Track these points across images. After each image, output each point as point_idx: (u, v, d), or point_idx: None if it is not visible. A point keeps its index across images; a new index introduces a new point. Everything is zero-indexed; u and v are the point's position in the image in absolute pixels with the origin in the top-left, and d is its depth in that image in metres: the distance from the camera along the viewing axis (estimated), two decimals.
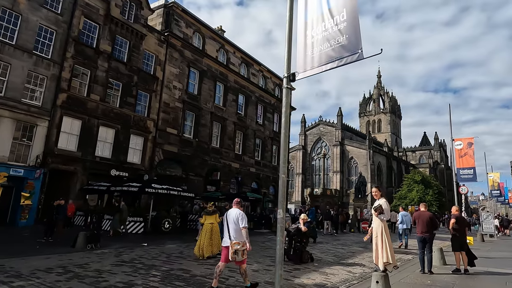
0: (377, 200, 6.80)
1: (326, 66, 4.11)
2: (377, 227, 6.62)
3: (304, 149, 69.86)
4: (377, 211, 6.57)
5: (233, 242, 5.75)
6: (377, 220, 6.62)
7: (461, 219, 8.95)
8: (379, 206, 6.62)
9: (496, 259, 11.36)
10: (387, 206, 6.66)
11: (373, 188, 7.08)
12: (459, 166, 13.18)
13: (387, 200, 6.84)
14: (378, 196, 6.87)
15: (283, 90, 4.83)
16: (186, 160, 24.53)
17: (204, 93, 26.66)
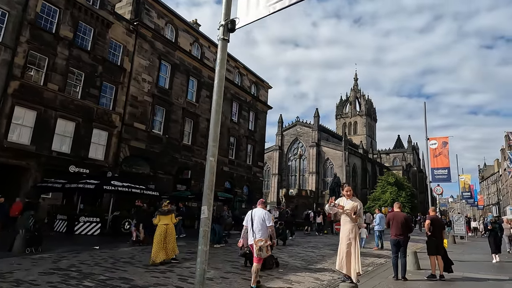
0: (349, 200, 6.06)
1: (275, 6, 3.15)
2: (350, 230, 5.85)
3: (280, 150, 69.48)
4: (355, 213, 5.84)
5: (257, 239, 6.17)
6: (350, 223, 5.88)
7: (437, 221, 8.42)
8: (356, 207, 5.90)
9: (470, 263, 11.00)
10: (361, 208, 5.99)
11: (347, 186, 6.30)
12: (433, 166, 12.80)
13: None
14: (351, 195, 6.12)
15: (219, 43, 3.51)
16: (155, 157, 23.27)
17: (176, 88, 25.47)
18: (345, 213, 5.92)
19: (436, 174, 12.80)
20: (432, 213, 8.60)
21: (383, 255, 11.81)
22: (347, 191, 6.17)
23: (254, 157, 34.75)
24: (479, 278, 8.27)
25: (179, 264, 8.06)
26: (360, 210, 5.94)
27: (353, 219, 5.83)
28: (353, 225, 5.85)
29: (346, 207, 5.96)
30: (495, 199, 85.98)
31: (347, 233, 5.85)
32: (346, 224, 5.94)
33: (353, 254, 5.71)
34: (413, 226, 8.50)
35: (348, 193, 6.09)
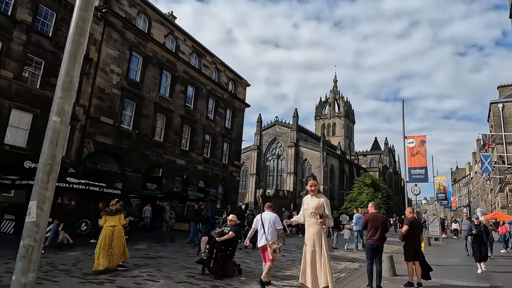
0: (314, 197, 5.05)
1: None
2: (315, 235, 4.87)
3: (259, 149, 68.79)
4: (320, 217, 4.81)
5: (270, 242, 6.46)
6: (316, 226, 4.90)
7: (416, 223, 7.77)
8: (321, 205, 4.91)
9: (447, 267, 10.51)
10: (328, 206, 5.03)
11: (311, 180, 5.15)
12: (410, 166, 12.32)
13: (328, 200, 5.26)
14: (315, 191, 5.12)
15: None
16: (123, 154, 21.94)
17: (148, 81, 24.19)
18: (309, 214, 4.99)
19: (413, 174, 12.33)
20: (410, 215, 7.91)
21: (357, 259, 11.19)
22: (311, 186, 5.08)
23: (231, 156, 33.80)
24: (459, 286, 7.72)
25: (125, 272, 7.03)
26: (327, 209, 4.98)
27: (321, 221, 4.84)
28: (319, 228, 4.85)
29: (310, 206, 5.00)
30: (466, 201, 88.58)
31: (311, 238, 4.86)
32: (310, 228, 4.93)
33: (320, 264, 4.69)
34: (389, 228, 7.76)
35: (313, 189, 5.05)
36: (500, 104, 39.65)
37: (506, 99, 40.02)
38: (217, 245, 6.87)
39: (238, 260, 9.17)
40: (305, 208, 5.02)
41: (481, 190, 67.00)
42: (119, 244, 7.24)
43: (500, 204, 41.28)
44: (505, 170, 35.81)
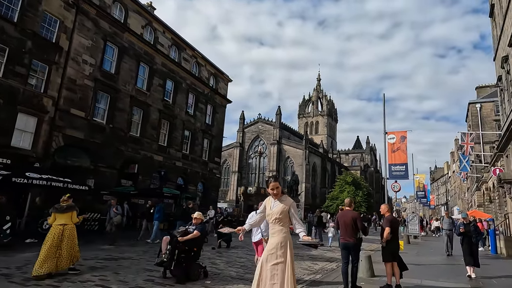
0: (277, 201, 4.17)
1: None
2: (280, 245, 4.00)
3: (241, 147, 68.16)
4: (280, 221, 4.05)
5: (266, 238, 6.20)
6: (281, 234, 4.05)
7: (395, 223, 7.35)
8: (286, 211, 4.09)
9: (426, 266, 10.20)
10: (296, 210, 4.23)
11: (272, 182, 4.21)
12: (391, 162, 12.01)
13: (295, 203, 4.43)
14: (279, 194, 4.22)
15: None
16: (96, 149, 20.89)
17: (124, 73, 23.16)
18: (273, 220, 4.12)
19: (393, 170, 12.03)
20: (389, 213, 7.32)
21: (335, 259, 10.78)
22: (272, 188, 4.17)
23: (211, 152, 33.05)
24: (437, 287, 7.36)
25: (75, 277, 6.29)
26: (295, 213, 4.16)
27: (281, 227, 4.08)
28: (284, 237, 4.01)
29: (273, 211, 4.11)
30: (444, 199, 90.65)
31: (274, 249, 3.97)
32: (274, 237, 4.08)
33: (283, 279, 3.81)
34: (366, 226, 7.15)
35: (275, 192, 4.18)
36: (478, 104, 40.42)
37: (483, 100, 40.83)
38: (180, 246, 6.22)
39: (207, 261, 8.57)
40: (268, 214, 4.19)
41: (458, 189, 68.57)
42: (70, 245, 6.47)
43: (476, 203, 42.16)
44: (482, 169, 36.46)
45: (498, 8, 19.55)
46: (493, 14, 20.91)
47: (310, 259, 10.47)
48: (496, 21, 20.12)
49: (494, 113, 38.99)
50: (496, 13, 20.15)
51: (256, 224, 4.55)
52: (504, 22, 17.66)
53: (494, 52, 21.03)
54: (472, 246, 9.12)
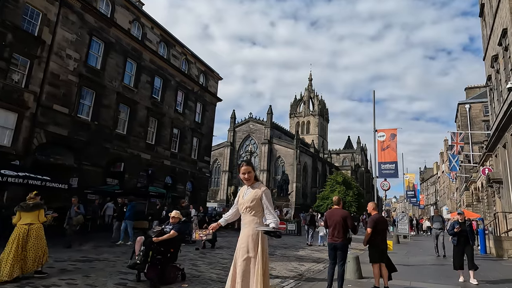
0: (250, 188, 3.74)
1: None
2: (251, 238, 3.55)
3: (232, 146, 67.69)
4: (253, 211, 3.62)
5: None
6: (252, 225, 3.58)
7: (382, 222, 6.98)
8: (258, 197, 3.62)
9: (416, 267, 9.96)
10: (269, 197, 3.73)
11: (243, 166, 3.80)
12: (380, 160, 11.77)
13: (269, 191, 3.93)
14: (251, 179, 3.77)
15: None
16: (80, 146, 20.30)
17: (110, 69, 22.58)
18: (244, 210, 3.71)
19: (383, 168, 11.78)
20: (374, 212, 6.98)
21: (323, 259, 10.48)
22: (244, 173, 3.73)
23: (200, 151, 32.56)
24: None
25: (40, 281, 5.81)
26: (268, 202, 3.63)
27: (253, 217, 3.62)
28: (251, 229, 3.54)
29: (245, 199, 3.69)
30: (433, 199, 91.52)
31: (245, 242, 3.55)
32: (245, 228, 3.65)
33: (254, 275, 3.40)
34: (356, 225, 6.81)
35: (246, 177, 3.73)
36: (467, 105, 40.75)
37: (473, 100, 41.17)
38: (154, 247, 5.81)
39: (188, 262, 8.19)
40: (240, 203, 3.78)
41: (447, 189, 69.20)
42: (37, 246, 6.00)
43: (465, 202, 42.47)
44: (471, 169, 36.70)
45: (488, 8, 19.54)
46: (483, 13, 20.91)
47: (297, 260, 10.15)
48: (486, 20, 20.12)
49: (483, 113, 39.35)
50: (486, 13, 20.15)
51: (232, 218, 4.05)
52: (494, 21, 17.62)
53: (484, 51, 21.04)
54: (467, 248, 8.11)
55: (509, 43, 14.78)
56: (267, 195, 3.69)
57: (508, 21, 14.70)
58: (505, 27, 15.14)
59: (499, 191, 18.27)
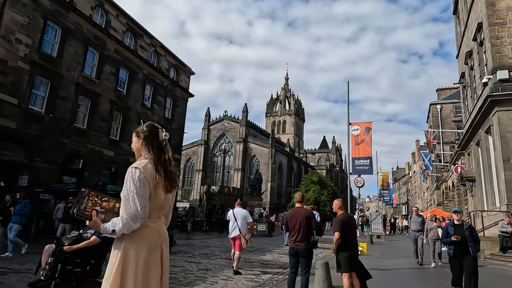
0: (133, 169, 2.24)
1: None
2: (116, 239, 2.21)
3: (206, 145, 66.13)
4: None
5: (244, 233, 7.82)
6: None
7: (349, 221, 5.90)
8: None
9: (391, 272, 9.13)
10: (133, 184, 2.18)
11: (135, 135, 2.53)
12: (354, 156, 10.97)
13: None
14: (138, 149, 2.46)
15: None
16: (32, 141, 18.43)
17: (68, 58, 20.76)
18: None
19: (357, 164, 10.98)
20: (341, 211, 5.93)
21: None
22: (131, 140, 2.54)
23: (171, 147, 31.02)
24: None
25: None
26: (125, 188, 2.20)
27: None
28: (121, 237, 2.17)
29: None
30: (404, 199, 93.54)
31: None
32: None
33: None
34: (322, 225, 5.75)
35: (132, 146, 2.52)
36: (438, 105, 41.44)
37: (444, 101, 41.89)
38: (66, 257, 4.50)
39: None
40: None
41: (419, 189, 70.68)
42: None
43: (436, 201, 43.15)
44: (442, 169, 37.16)
45: (462, 4, 19.32)
46: (457, 10, 20.75)
47: (261, 266, 9.12)
48: (460, 17, 19.93)
49: (453, 114, 40.10)
50: (460, 9, 19.96)
51: None
52: (468, 17, 17.35)
53: (457, 49, 20.89)
54: (470, 259, 5.92)
55: (484, 37, 14.42)
56: (130, 177, 2.21)
57: (483, 15, 14.34)
58: (480, 21, 14.78)
59: (472, 189, 18.05)
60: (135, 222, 2.11)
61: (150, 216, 2.24)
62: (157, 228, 2.33)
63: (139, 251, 2.16)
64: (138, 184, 2.16)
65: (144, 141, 2.48)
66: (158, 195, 2.29)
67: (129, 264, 2.12)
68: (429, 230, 10.67)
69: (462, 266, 5.97)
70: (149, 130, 2.52)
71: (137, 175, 2.20)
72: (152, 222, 2.28)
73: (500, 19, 13.70)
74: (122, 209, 2.15)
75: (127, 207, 2.12)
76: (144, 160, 2.36)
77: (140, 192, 2.15)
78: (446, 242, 6.27)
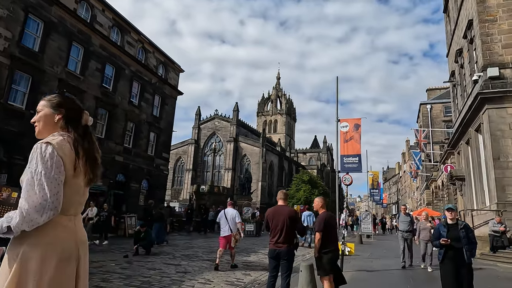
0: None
1: None
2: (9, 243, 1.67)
3: (196, 144, 65.45)
4: None
5: (234, 233, 8.28)
6: None
7: (330, 220, 5.38)
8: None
9: (379, 273, 8.78)
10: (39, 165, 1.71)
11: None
12: (343, 153, 10.66)
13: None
14: (39, 126, 1.98)
15: None
16: (12, 138, 17.74)
17: (51, 53, 20.08)
18: None
19: (345, 162, 10.68)
20: (322, 210, 5.41)
21: None
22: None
23: (158, 147, 30.43)
24: None
25: None
26: (28, 172, 1.68)
27: None
28: (18, 239, 1.62)
29: None
30: (395, 198, 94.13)
31: None
32: None
33: None
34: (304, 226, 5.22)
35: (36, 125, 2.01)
36: (428, 105, 41.57)
37: (434, 101, 42.04)
38: None
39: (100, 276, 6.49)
40: None
41: (409, 188, 71.09)
42: None
43: (425, 201, 43.30)
44: (432, 168, 37.25)
45: (452, 2, 19.21)
46: (447, 9, 20.65)
47: (244, 268, 8.71)
48: (451, 15, 19.82)
49: (443, 114, 40.27)
50: (450, 7, 19.85)
51: None
52: (459, 14, 17.21)
53: (448, 47, 20.80)
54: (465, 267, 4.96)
55: (475, 35, 14.25)
56: (37, 155, 1.74)
57: (474, 12, 14.17)
58: (470, 18, 14.63)
59: (461, 188, 17.93)
60: (41, 214, 1.57)
61: (65, 211, 1.72)
62: (73, 229, 1.78)
63: (46, 261, 1.59)
64: (50, 164, 1.64)
65: (63, 117, 1.91)
66: (77, 184, 1.78)
67: (28, 281, 1.54)
68: (422, 230, 9.71)
69: (455, 275, 4.89)
70: (72, 107, 1.95)
71: (49, 152, 1.68)
72: (68, 220, 1.75)
73: (491, 15, 13.55)
74: (23, 197, 1.61)
75: (30, 194, 1.59)
76: (59, 136, 1.82)
77: (51, 174, 1.62)
78: (435, 245, 5.37)
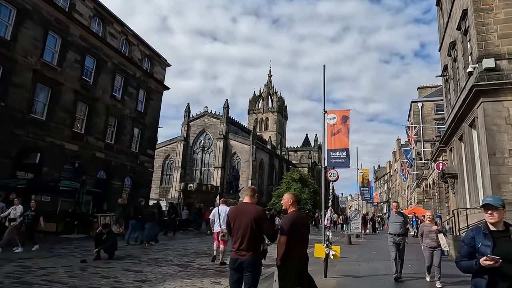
0: None
1: None
2: None
3: (186, 141, 64.28)
4: None
5: (223, 228, 8.35)
6: None
7: (302, 221, 4.44)
8: None
9: (366, 279, 7.94)
10: None
11: None
12: (330, 147, 9.87)
13: None
14: None
15: None
16: None
17: (25, 42, 18.90)
18: None
19: (333, 157, 9.90)
20: (292, 209, 4.42)
21: None
22: None
23: (143, 143, 29.34)
24: None
25: None
26: None
27: None
28: None
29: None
30: (385, 197, 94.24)
31: None
32: None
33: None
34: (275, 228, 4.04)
35: None
36: (419, 103, 41.21)
37: (425, 98, 41.69)
38: None
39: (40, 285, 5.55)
40: None
41: (399, 187, 71.01)
42: None
43: (416, 200, 42.97)
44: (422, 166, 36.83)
45: None
46: (440, 1, 20.03)
47: (216, 275, 7.74)
48: (443, 8, 19.19)
49: (434, 112, 39.95)
50: (443, 0, 19.21)
51: None
52: (452, 5, 16.56)
53: (440, 41, 20.18)
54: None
55: (469, 25, 13.57)
56: None
57: (468, 1, 13.48)
58: (465, 7, 13.96)
59: (454, 186, 17.32)
60: None
61: None
62: None
63: None
64: None
65: None
66: None
67: None
68: (426, 235, 7.77)
69: None
70: None
71: None
72: None
73: (486, 4, 12.87)
74: None
75: None
76: None
77: None
78: (468, 268, 2.86)
